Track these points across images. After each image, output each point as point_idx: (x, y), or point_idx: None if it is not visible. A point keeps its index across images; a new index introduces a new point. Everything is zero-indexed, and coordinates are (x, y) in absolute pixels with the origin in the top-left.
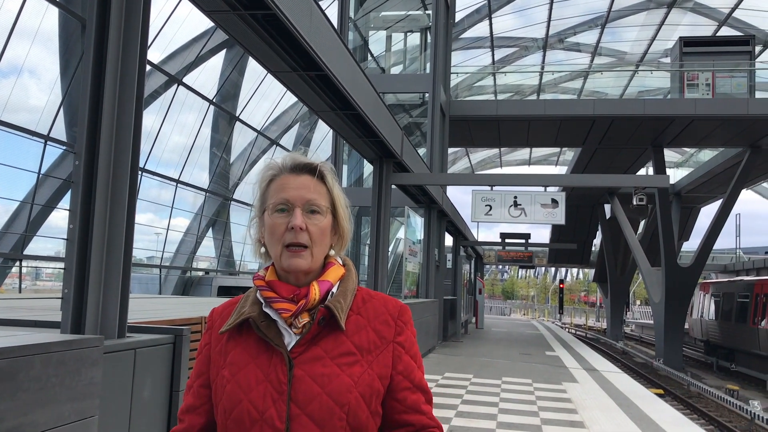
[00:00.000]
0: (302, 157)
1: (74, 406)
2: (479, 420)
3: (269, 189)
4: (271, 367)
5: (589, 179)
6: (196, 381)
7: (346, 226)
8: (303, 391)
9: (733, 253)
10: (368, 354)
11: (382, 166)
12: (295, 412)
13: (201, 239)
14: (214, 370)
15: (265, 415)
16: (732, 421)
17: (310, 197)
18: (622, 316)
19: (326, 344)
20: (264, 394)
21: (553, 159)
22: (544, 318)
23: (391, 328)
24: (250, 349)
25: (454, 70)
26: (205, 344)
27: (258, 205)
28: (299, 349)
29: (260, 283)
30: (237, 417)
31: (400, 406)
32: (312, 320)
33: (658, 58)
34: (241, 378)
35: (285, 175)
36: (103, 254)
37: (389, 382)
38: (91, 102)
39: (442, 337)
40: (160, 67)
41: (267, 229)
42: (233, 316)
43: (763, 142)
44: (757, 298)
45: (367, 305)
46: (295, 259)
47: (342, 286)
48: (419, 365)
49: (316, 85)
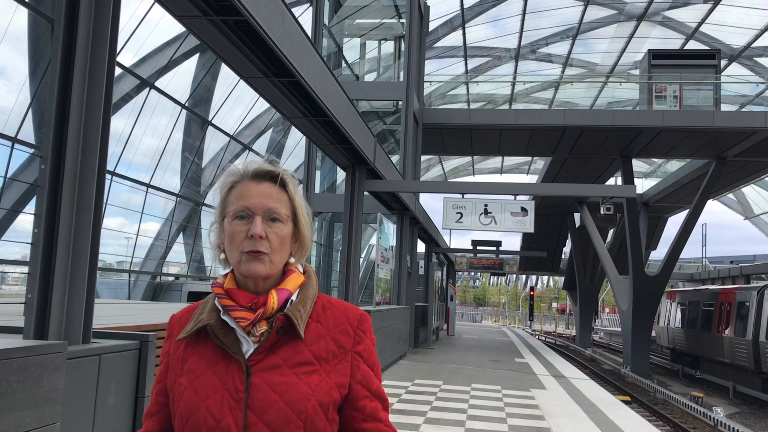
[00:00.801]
0: (264, 164)
1: (35, 412)
2: (447, 427)
3: (230, 195)
4: (229, 375)
5: (558, 188)
6: (155, 387)
7: (306, 234)
8: (260, 399)
9: (699, 263)
10: (326, 363)
11: (354, 172)
12: (252, 420)
13: (171, 244)
14: (172, 378)
15: (221, 423)
16: (696, 427)
17: (270, 205)
18: (590, 323)
19: (284, 352)
20: (221, 401)
21: (525, 168)
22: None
23: (350, 338)
24: (208, 356)
25: (428, 79)
26: (165, 352)
27: (218, 211)
28: (257, 357)
29: (218, 291)
30: (194, 424)
31: (359, 415)
32: (270, 328)
33: (627, 69)
34: (198, 386)
35: (246, 182)
36: (68, 259)
37: (347, 391)
38: (58, 104)
39: (413, 344)
40: (132, 71)
41: (227, 235)
42: (191, 324)
43: (728, 153)
44: (722, 307)
45: (327, 313)
46: (254, 263)
47: (302, 294)
48: (377, 373)
49: (288, 91)
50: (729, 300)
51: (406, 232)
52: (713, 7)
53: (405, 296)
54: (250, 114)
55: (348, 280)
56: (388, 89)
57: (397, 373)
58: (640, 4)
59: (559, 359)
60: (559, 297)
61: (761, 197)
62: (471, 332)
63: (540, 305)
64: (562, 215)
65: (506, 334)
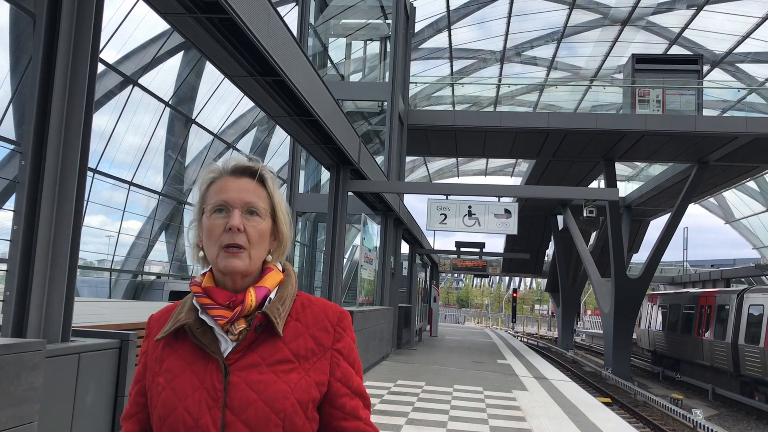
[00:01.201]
0: (243, 160)
1: (12, 411)
2: (429, 427)
3: (209, 191)
4: (207, 374)
5: (541, 191)
6: (133, 388)
7: (285, 232)
8: (239, 397)
9: (680, 266)
10: (305, 361)
11: (339, 172)
12: (231, 419)
13: (153, 243)
14: (150, 378)
15: (200, 422)
16: (676, 429)
17: (249, 199)
18: (573, 325)
19: (263, 351)
20: (199, 401)
21: (509, 170)
22: (497, 326)
23: (329, 335)
24: (186, 356)
25: (413, 80)
26: (143, 352)
27: (197, 208)
28: (235, 355)
29: (196, 290)
30: (172, 424)
31: (339, 413)
32: (249, 327)
33: (611, 73)
34: (176, 385)
35: (225, 177)
36: (47, 257)
37: (327, 389)
38: (39, 100)
39: (396, 345)
40: (115, 68)
41: (205, 230)
42: (169, 323)
43: (709, 158)
44: (702, 310)
45: (306, 311)
46: (232, 259)
47: (280, 292)
48: (358, 371)
49: (273, 90)
50: (709, 303)
51: (390, 233)
52: (696, 13)
53: (388, 297)
54: (234, 112)
55: (331, 280)
56: (374, 90)
57: (379, 373)
58: (625, 8)
59: (541, 361)
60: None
61: (742, 202)
62: (454, 333)
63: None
64: (545, 218)
65: (489, 335)
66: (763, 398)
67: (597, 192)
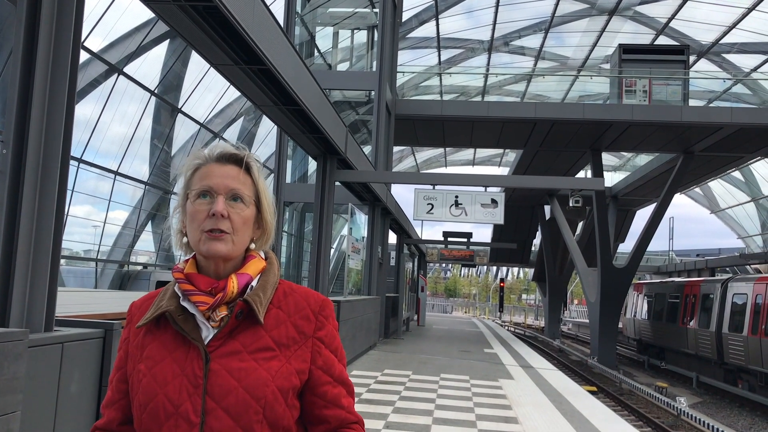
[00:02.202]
0: (229, 147)
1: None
2: (416, 416)
3: (194, 177)
4: (188, 361)
5: (528, 180)
6: (115, 375)
7: (269, 220)
8: (219, 385)
9: (666, 255)
10: (286, 349)
11: (325, 162)
12: (211, 406)
13: (140, 233)
14: (131, 365)
15: (180, 409)
16: (660, 417)
17: (233, 186)
18: (559, 314)
19: (244, 338)
20: (180, 388)
21: (497, 160)
22: (484, 316)
23: (311, 324)
24: (167, 343)
25: (401, 69)
26: (124, 339)
27: (181, 194)
28: (216, 342)
29: (178, 276)
30: (152, 411)
31: (321, 401)
32: (230, 314)
33: (598, 64)
34: (157, 372)
35: (210, 164)
36: (30, 246)
37: (308, 377)
38: (20, 88)
39: (383, 334)
40: (100, 56)
41: (188, 215)
42: (151, 310)
43: (695, 148)
44: (687, 299)
45: (288, 299)
46: (214, 242)
47: (262, 279)
48: (340, 359)
49: (258, 79)
50: (694, 292)
51: (377, 223)
52: (683, 3)
53: (376, 287)
54: (220, 102)
55: (318, 270)
56: (361, 79)
57: (366, 363)
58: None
59: (527, 350)
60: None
61: (727, 192)
62: (441, 323)
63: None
64: (532, 208)
65: (476, 325)
66: (746, 386)
67: (583, 182)
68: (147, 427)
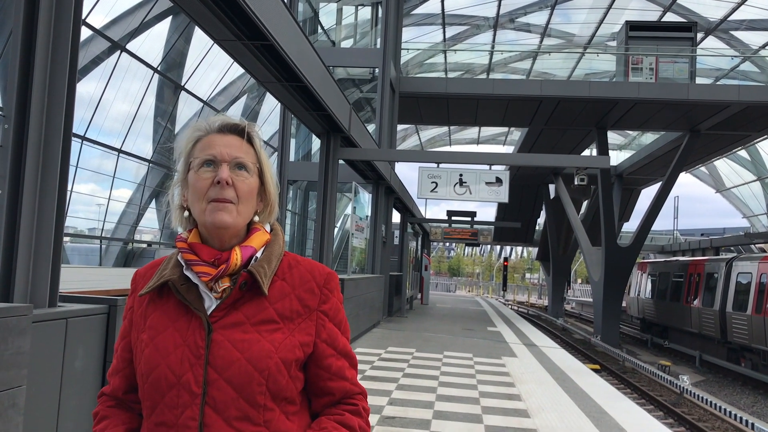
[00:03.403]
0: (230, 118)
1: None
2: (419, 393)
3: (195, 148)
4: (190, 331)
5: (533, 159)
6: (119, 344)
7: (272, 192)
8: (221, 356)
9: (670, 235)
10: (290, 322)
11: (329, 140)
12: (213, 377)
13: (144, 211)
14: (135, 334)
15: (182, 380)
16: (662, 395)
17: (237, 154)
18: (563, 293)
19: (248, 310)
20: (181, 358)
21: (501, 139)
22: (488, 295)
23: (315, 297)
24: (170, 312)
25: (405, 46)
26: (128, 307)
27: (182, 168)
28: (219, 313)
29: (182, 245)
30: (154, 381)
31: (325, 374)
32: (233, 285)
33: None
34: (159, 342)
35: (212, 135)
36: (33, 221)
37: (312, 350)
38: (21, 62)
39: (387, 313)
40: (102, 33)
41: (191, 186)
42: (153, 279)
43: (701, 126)
44: (691, 278)
45: (293, 271)
46: (219, 213)
47: (267, 251)
48: (344, 331)
49: (261, 55)
50: (698, 271)
51: (381, 202)
52: None
53: (379, 265)
54: (224, 80)
55: (322, 249)
56: (365, 56)
57: (370, 341)
58: None
59: (530, 328)
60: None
61: (733, 171)
62: (445, 302)
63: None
64: (536, 187)
65: (479, 303)
66: (749, 364)
67: (588, 160)
68: (150, 397)
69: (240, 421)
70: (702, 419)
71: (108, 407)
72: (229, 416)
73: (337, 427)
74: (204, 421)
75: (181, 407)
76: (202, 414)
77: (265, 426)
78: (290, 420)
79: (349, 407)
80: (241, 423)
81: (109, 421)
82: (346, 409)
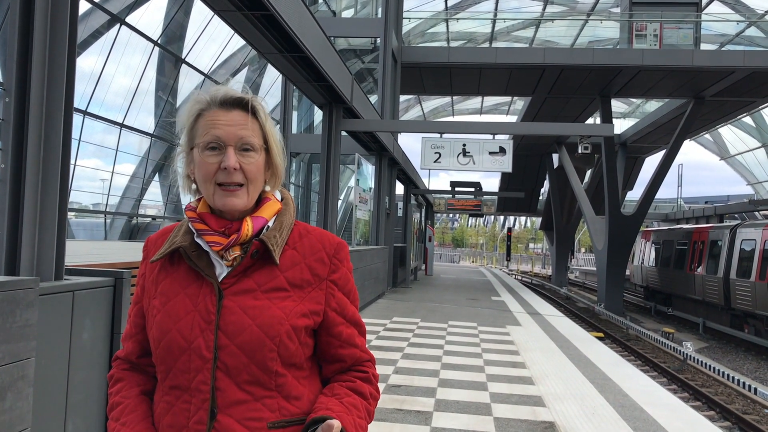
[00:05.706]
0: (232, 90)
1: (9, 347)
2: (424, 361)
3: (198, 124)
4: (200, 296)
5: (536, 127)
6: (132, 309)
7: (279, 162)
8: (232, 322)
9: (674, 203)
10: (300, 290)
11: (331, 111)
12: (224, 342)
13: (147, 185)
14: (147, 300)
15: (192, 345)
16: (666, 361)
17: (242, 134)
18: (566, 263)
19: (259, 277)
20: (192, 323)
21: (504, 108)
22: (492, 265)
23: (325, 266)
24: (181, 279)
25: (407, 16)
26: (141, 274)
27: (185, 141)
28: (230, 280)
29: (191, 215)
30: (166, 346)
31: (336, 341)
32: (244, 254)
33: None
34: (170, 308)
35: (215, 110)
36: (37, 194)
37: (322, 318)
38: (20, 35)
39: (391, 284)
40: (101, 5)
41: (197, 167)
42: (165, 246)
43: (706, 93)
44: (695, 246)
45: (304, 241)
46: (230, 198)
47: (278, 221)
48: (353, 300)
49: (261, 25)
50: (702, 239)
51: (384, 174)
52: None
53: (384, 237)
54: (224, 52)
55: (326, 221)
56: (366, 26)
57: (375, 311)
58: None
59: (534, 297)
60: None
61: (737, 138)
62: (449, 272)
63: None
64: (540, 156)
65: (483, 273)
66: (752, 330)
67: (592, 128)
68: (164, 362)
69: (251, 385)
70: (705, 385)
71: (122, 370)
72: (241, 380)
73: (349, 393)
74: (216, 385)
75: (194, 371)
76: (214, 378)
77: (276, 390)
78: (302, 384)
79: (359, 374)
80: (253, 387)
81: (123, 383)
82: (357, 376)
